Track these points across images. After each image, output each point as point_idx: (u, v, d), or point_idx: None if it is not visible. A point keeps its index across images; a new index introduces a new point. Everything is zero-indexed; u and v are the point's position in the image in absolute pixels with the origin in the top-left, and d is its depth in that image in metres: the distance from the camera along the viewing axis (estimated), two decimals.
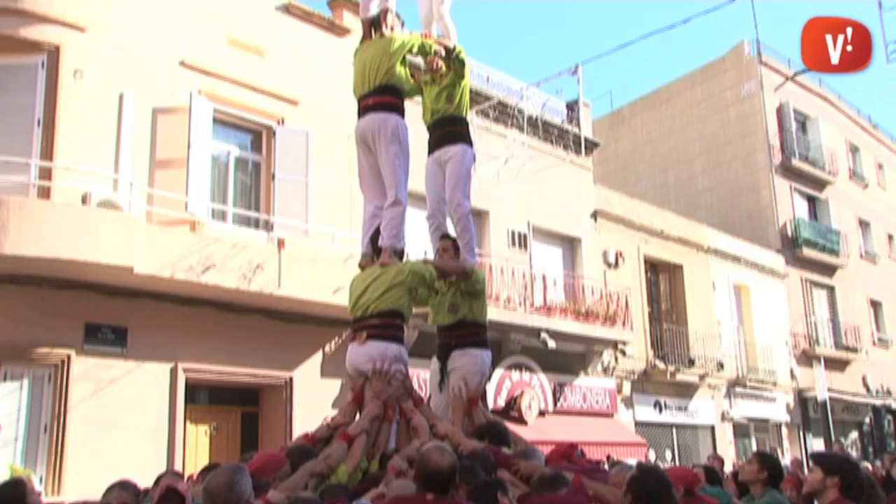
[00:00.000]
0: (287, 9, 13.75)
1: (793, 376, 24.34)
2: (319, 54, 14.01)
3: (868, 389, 27.27)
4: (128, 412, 10.88)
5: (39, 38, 11.01)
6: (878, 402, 27.48)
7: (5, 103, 10.95)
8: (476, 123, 15.18)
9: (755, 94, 27.10)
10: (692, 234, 22.09)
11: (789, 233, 26.13)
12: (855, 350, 27.01)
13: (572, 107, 19.36)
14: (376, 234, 6.18)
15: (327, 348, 13.22)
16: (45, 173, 10.65)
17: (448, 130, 6.57)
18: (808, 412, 24.41)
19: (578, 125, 19.10)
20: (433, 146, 6.65)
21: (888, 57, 8.54)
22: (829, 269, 27.44)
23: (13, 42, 10.91)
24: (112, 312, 10.98)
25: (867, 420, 27.52)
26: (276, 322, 12.52)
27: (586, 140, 18.57)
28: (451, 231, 6.62)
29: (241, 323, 12.14)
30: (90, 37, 11.36)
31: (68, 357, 10.53)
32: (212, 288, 11.28)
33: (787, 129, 27.21)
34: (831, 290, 27.56)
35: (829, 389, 22.72)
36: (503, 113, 16.95)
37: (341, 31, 14.31)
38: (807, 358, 24.86)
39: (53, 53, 11.07)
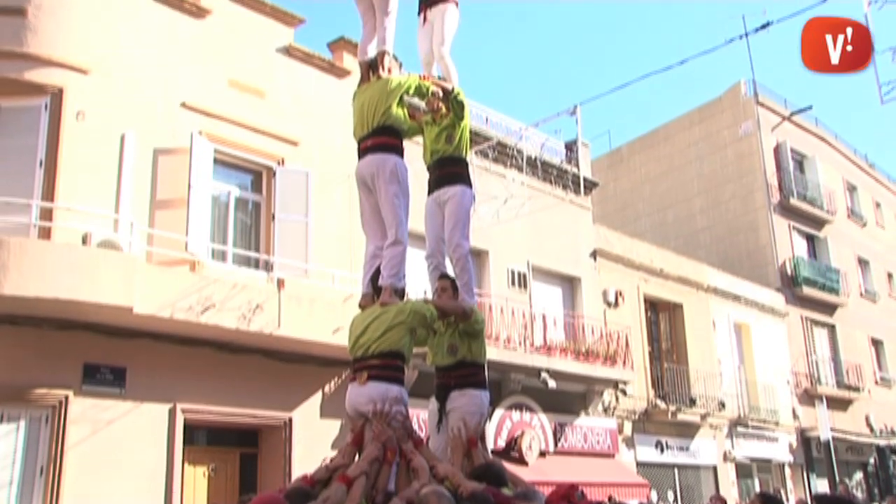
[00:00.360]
0: (288, 51, 13.90)
1: (795, 416, 24.21)
2: (320, 95, 14.14)
3: (872, 429, 27.09)
4: (125, 453, 10.79)
5: (44, 80, 11.13)
6: (883, 443, 27.29)
7: (8, 145, 11.03)
8: (475, 164, 15.26)
9: (752, 134, 27.30)
10: (692, 273, 22.11)
11: (789, 271, 26.15)
12: (857, 389, 26.88)
13: (571, 147, 19.49)
14: (377, 274, 6.18)
15: (327, 389, 13.16)
16: (46, 214, 10.70)
17: (447, 171, 6.59)
18: (811, 452, 24.22)
19: (577, 165, 19.20)
20: (432, 186, 6.67)
21: (882, 98, 8.59)
22: (830, 308, 27.42)
23: (18, 85, 11.03)
24: (111, 353, 10.95)
25: (872, 460, 27.30)
26: (276, 362, 12.48)
27: (585, 180, 18.66)
28: (451, 271, 6.63)
29: (240, 363, 12.10)
30: (93, 79, 11.48)
31: (66, 398, 10.47)
32: (211, 328, 11.26)
33: (784, 168, 27.37)
34: (832, 328, 27.52)
35: (833, 429, 22.57)
36: (502, 153, 17.06)
37: (341, 73, 14.45)
38: (809, 397, 24.74)
39: (57, 95, 11.17)
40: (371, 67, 6.62)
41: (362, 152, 6.35)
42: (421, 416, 9.58)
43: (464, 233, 6.50)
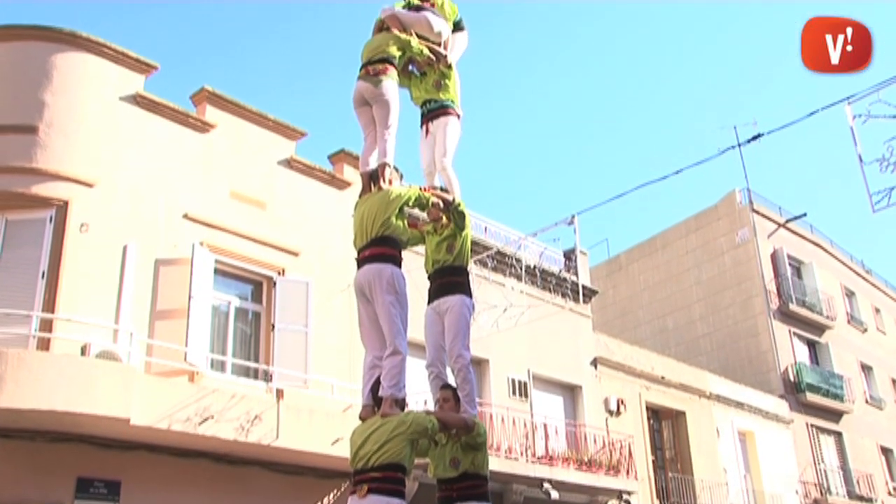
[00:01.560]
0: (289, 163, 14.17)
1: None
2: (320, 207, 14.34)
3: None
4: None
5: (50, 194, 11.33)
6: None
7: (12, 256, 11.14)
8: (475, 273, 15.32)
9: (749, 241, 27.55)
10: (693, 380, 21.93)
11: (791, 378, 25.92)
12: (870, 500, 26.24)
13: (570, 255, 19.63)
14: (377, 385, 6.15)
15: (326, 501, 12.87)
16: (46, 325, 10.71)
17: (447, 280, 6.64)
18: None
19: (576, 273, 19.30)
20: (432, 296, 6.70)
21: (873, 207, 8.72)
22: (835, 415, 27.04)
23: (25, 199, 11.24)
24: (106, 465, 10.77)
25: None
26: (274, 474, 12.25)
27: (584, 288, 18.72)
28: (451, 380, 6.59)
29: (238, 475, 11.88)
30: (98, 191, 11.69)
31: None
32: (209, 439, 11.10)
33: (782, 274, 27.49)
34: (839, 435, 27.06)
35: None
36: (501, 262, 17.18)
37: (342, 185, 14.69)
38: None
39: (62, 208, 11.36)
40: (372, 179, 6.75)
41: (361, 262, 6.41)
42: None
43: (464, 343, 6.50)
